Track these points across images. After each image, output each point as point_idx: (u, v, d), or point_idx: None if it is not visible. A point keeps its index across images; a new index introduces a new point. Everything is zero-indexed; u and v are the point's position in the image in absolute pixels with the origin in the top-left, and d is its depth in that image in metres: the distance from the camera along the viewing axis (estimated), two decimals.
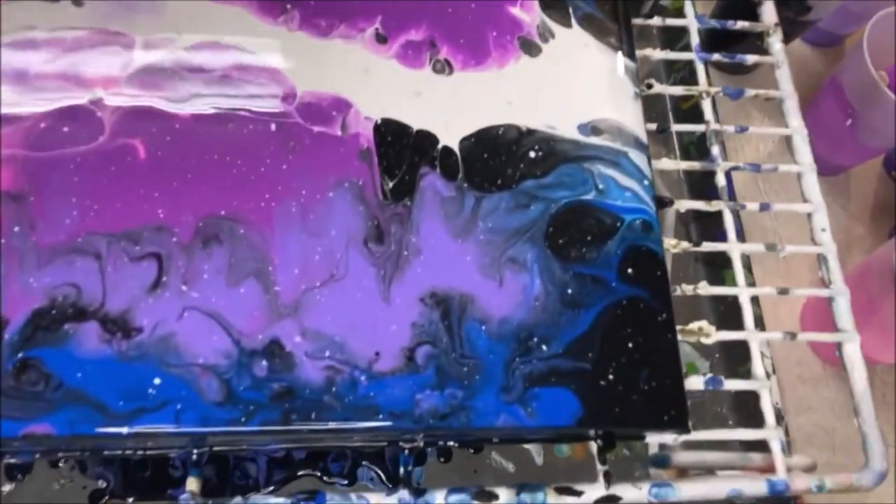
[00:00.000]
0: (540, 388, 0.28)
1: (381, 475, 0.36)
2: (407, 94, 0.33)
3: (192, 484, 0.27)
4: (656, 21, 0.41)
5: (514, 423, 0.27)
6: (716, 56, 0.41)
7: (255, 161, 0.30)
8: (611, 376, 0.29)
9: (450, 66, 0.34)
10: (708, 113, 0.40)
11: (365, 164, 0.31)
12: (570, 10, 0.36)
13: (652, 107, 0.38)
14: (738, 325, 0.34)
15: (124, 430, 0.25)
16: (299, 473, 0.37)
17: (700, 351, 0.50)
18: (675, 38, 0.52)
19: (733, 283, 0.34)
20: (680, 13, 0.43)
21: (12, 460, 0.27)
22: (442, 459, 0.37)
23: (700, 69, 0.41)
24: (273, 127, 0.31)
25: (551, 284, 0.30)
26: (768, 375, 0.33)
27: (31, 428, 0.24)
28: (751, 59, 0.42)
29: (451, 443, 0.31)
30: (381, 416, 0.27)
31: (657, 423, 0.28)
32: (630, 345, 0.29)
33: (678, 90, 0.40)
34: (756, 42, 0.43)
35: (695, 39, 0.42)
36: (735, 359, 0.49)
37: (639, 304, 0.30)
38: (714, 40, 0.48)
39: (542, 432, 0.29)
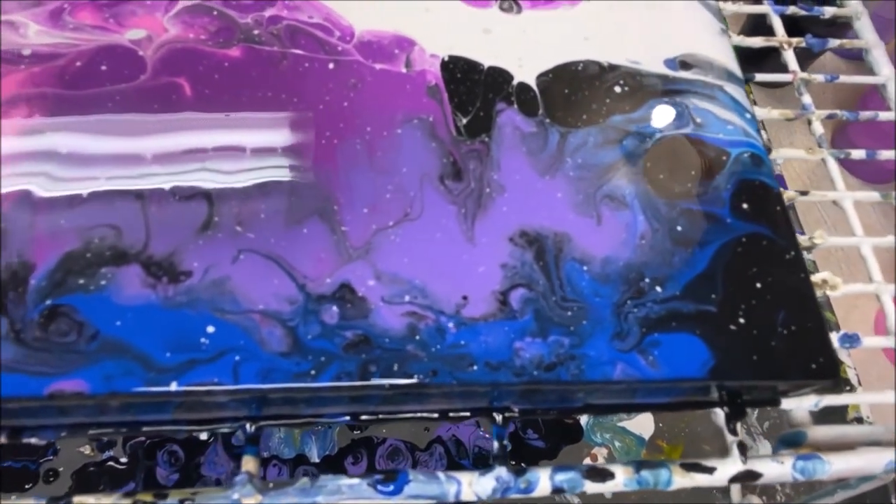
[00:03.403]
0: (660, 334, 0.23)
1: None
2: (474, 32, 0.30)
3: (249, 463, 0.22)
4: None
5: (635, 374, 0.23)
6: (791, 9, 0.39)
7: (312, 99, 0.27)
8: (741, 320, 0.24)
9: (517, 4, 0.31)
10: (793, 63, 0.36)
11: (434, 101, 0.27)
12: None
13: None
14: None
15: (173, 386, 0.20)
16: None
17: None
18: None
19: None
20: None
21: (32, 440, 0.22)
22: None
23: (777, 21, 0.38)
24: (331, 65, 0.28)
25: (657, 221, 0.26)
26: None
27: (59, 384, 0.20)
28: (828, 11, 0.39)
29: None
30: (475, 368, 0.22)
31: (803, 371, 0.24)
32: (758, 285, 0.25)
33: (757, 41, 0.37)
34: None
35: None
36: None
37: (761, 241, 0.26)
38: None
39: (663, 389, 0.24)
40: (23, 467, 0.51)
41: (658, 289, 0.24)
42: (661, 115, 0.28)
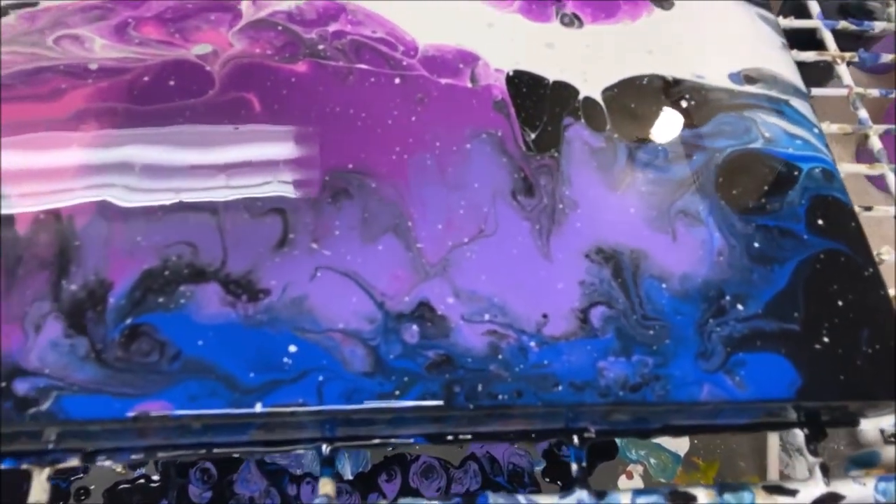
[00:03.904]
0: (745, 354, 0.23)
1: None
2: (537, 47, 0.29)
3: (327, 486, 0.22)
4: None
5: (722, 395, 0.22)
6: (842, 24, 0.38)
7: (380, 114, 0.26)
8: (825, 339, 0.24)
9: (579, 19, 0.31)
10: (847, 78, 0.36)
11: (501, 116, 0.27)
12: None
13: None
14: None
15: (258, 407, 0.20)
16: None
17: None
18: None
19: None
20: None
21: (107, 462, 0.22)
22: None
23: (828, 36, 0.38)
24: (397, 80, 0.27)
25: (733, 238, 0.25)
26: None
27: (144, 406, 0.20)
28: (878, 25, 0.39)
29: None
30: (560, 388, 0.22)
31: (891, 391, 0.23)
32: (840, 303, 0.24)
33: (810, 55, 0.36)
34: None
35: (815, 8, 0.39)
36: None
37: (839, 258, 0.25)
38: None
39: (746, 410, 0.23)
40: (54, 486, 0.50)
41: (739, 307, 0.24)
42: (730, 130, 0.28)
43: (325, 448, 0.22)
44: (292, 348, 0.21)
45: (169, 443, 0.22)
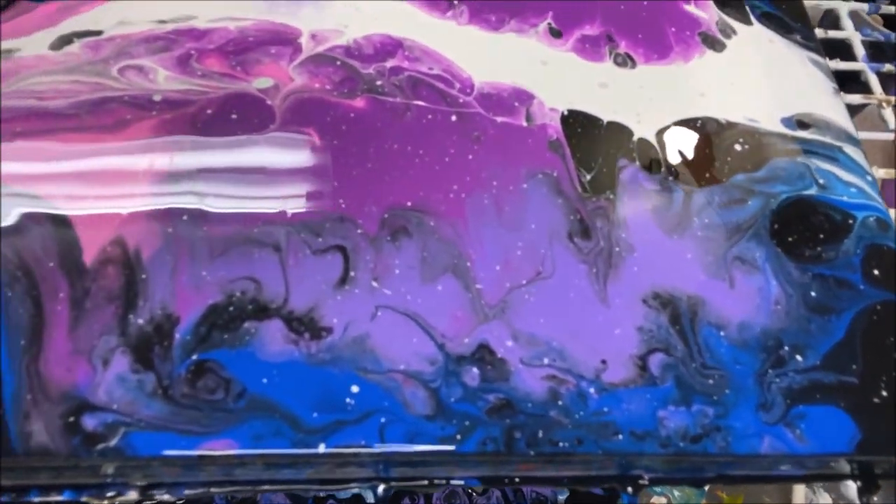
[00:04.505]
0: (805, 407, 0.23)
1: None
2: (591, 86, 0.30)
3: None
4: (818, 32, 0.39)
5: (783, 448, 0.22)
6: (887, 66, 0.38)
7: (437, 151, 0.27)
8: (884, 392, 0.23)
9: (632, 59, 0.31)
10: (892, 122, 0.36)
11: (557, 156, 0.27)
12: (748, 8, 0.34)
13: None
14: None
15: (321, 447, 0.20)
16: None
17: None
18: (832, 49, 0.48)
19: None
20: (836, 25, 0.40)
21: (165, 496, 0.22)
22: None
23: (873, 79, 0.38)
24: (453, 117, 0.28)
25: (790, 286, 0.25)
26: None
27: (210, 444, 0.20)
28: None
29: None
30: (620, 437, 0.22)
31: None
32: None
33: (856, 98, 0.36)
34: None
35: (860, 50, 0.39)
36: None
37: (895, 309, 0.25)
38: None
39: (806, 463, 0.23)
40: None
41: (798, 358, 0.24)
42: (785, 176, 0.28)
43: (382, 488, 0.22)
44: (354, 388, 0.21)
45: (226, 479, 0.22)
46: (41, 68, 0.26)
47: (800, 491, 0.58)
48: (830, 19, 0.44)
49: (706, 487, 0.60)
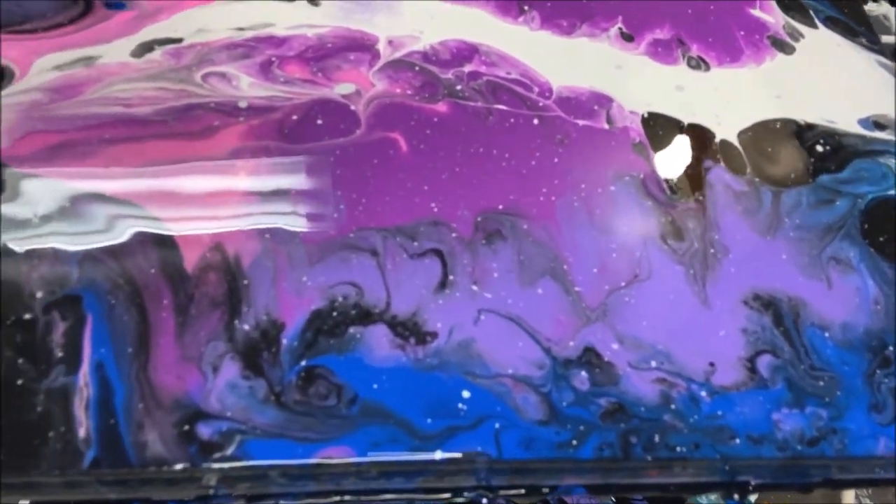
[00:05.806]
0: None
1: None
2: (667, 89, 0.29)
3: None
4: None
5: None
6: None
7: (523, 154, 0.26)
8: None
9: (705, 62, 0.31)
10: None
11: (641, 158, 0.27)
12: (812, 12, 0.34)
13: None
14: None
15: (437, 454, 0.19)
16: None
17: None
18: None
19: None
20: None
21: None
22: None
23: None
24: (535, 121, 0.27)
25: (886, 286, 0.25)
26: None
27: (328, 451, 0.19)
28: None
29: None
30: (737, 441, 0.21)
31: None
32: None
33: None
34: None
35: None
36: None
37: None
38: None
39: None
40: None
41: None
42: (868, 176, 0.28)
43: (488, 497, 0.22)
44: (465, 394, 0.21)
45: (335, 489, 0.21)
46: (124, 75, 0.26)
47: (850, 498, 0.57)
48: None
49: (753, 499, 0.59)
